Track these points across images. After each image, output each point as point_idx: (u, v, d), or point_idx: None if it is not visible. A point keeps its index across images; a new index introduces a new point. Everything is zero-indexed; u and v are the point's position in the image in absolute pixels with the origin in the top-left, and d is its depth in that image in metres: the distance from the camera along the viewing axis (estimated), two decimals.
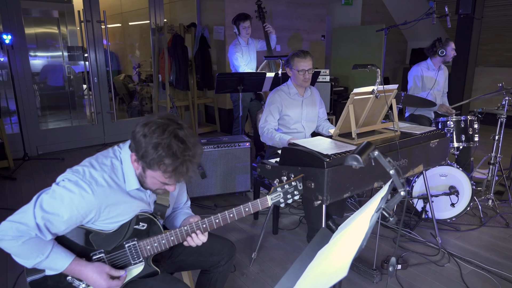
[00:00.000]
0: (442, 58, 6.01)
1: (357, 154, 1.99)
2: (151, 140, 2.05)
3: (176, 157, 2.05)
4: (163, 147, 2.03)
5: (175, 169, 2.08)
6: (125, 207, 2.26)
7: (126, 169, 2.25)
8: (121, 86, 11.86)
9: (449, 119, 5.18)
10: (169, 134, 2.06)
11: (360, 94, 3.51)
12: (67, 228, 2.14)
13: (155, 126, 2.07)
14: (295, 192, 2.59)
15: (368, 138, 3.65)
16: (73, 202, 2.07)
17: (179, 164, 2.07)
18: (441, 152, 4.06)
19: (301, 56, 4.53)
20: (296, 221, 5.05)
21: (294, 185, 2.58)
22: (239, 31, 7.32)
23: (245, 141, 5.41)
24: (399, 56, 13.44)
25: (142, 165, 2.16)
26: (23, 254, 2.07)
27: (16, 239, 2.02)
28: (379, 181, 3.42)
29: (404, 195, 1.78)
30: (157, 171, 2.10)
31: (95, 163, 2.22)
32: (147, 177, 2.20)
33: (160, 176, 2.14)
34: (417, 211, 4.93)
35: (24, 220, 2.03)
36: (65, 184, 2.10)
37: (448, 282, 3.77)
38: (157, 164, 2.06)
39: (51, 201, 2.07)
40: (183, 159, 2.07)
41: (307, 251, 1.99)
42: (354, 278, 3.84)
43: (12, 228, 2.02)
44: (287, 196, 2.57)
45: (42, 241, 2.08)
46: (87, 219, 2.17)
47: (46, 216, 2.04)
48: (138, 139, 2.08)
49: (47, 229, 2.07)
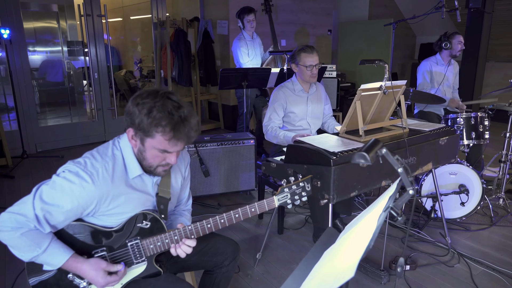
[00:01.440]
0: (449, 52, 6.00)
1: (365, 152, 1.99)
2: (144, 106, 2.09)
3: (172, 115, 2.08)
4: (158, 108, 2.07)
5: (173, 127, 2.09)
6: (127, 198, 2.27)
7: (126, 156, 2.27)
8: (122, 82, 11.87)
9: (459, 116, 5.16)
10: (162, 97, 2.12)
11: (368, 90, 3.51)
12: (66, 219, 2.15)
13: (146, 93, 2.15)
14: (302, 193, 2.57)
15: (375, 136, 3.63)
16: (74, 193, 2.09)
17: (176, 121, 2.09)
18: (451, 149, 4.05)
19: (308, 51, 4.52)
20: (302, 221, 5.06)
21: (302, 186, 2.56)
22: (243, 24, 7.31)
23: (249, 138, 5.40)
24: (408, 51, 13.43)
25: (140, 137, 2.17)
26: (21, 247, 2.08)
27: (15, 231, 2.03)
28: (387, 179, 3.42)
29: (412, 194, 1.78)
30: (156, 135, 2.11)
31: (96, 154, 2.23)
32: (147, 150, 2.20)
33: (160, 142, 2.14)
34: (426, 210, 4.92)
35: (23, 211, 2.05)
36: (66, 175, 2.12)
37: (458, 283, 3.77)
38: (155, 126, 2.08)
39: (51, 192, 2.09)
40: (179, 116, 2.10)
41: (313, 251, 1.99)
42: (361, 279, 3.85)
43: (11, 219, 2.04)
44: (294, 197, 2.55)
45: (41, 234, 2.09)
46: (88, 211, 2.18)
47: (45, 207, 2.06)
48: (132, 110, 2.12)
49: (46, 221, 2.08)
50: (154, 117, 2.06)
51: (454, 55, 6.05)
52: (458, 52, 6.02)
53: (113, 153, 2.26)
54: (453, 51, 5.98)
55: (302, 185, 2.57)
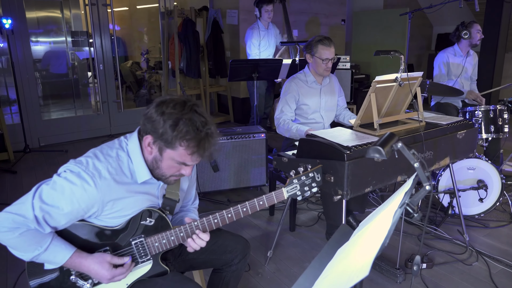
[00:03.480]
0: (468, 41, 5.98)
1: (380, 146, 1.98)
2: (170, 116, 2.06)
3: (199, 131, 2.08)
4: (185, 122, 2.06)
5: (198, 143, 2.09)
6: (130, 201, 2.26)
7: (135, 161, 2.24)
8: (128, 73, 11.87)
9: (477, 109, 5.13)
10: (190, 109, 2.10)
11: (383, 82, 3.50)
12: (67, 222, 2.15)
13: (173, 103, 2.11)
14: (312, 184, 2.56)
15: (391, 129, 3.63)
16: (75, 195, 2.08)
17: (202, 138, 2.09)
18: (469, 143, 4.04)
19: (326, 44, 4.49)
20: (314, 217, 5.06)
21: (311, 176, 2.56)
22: (260, 13, 7.28)
23: (260, 132, 5.39)
24: (424, 41, 13.36)
25: (160, 146, 2.15)
26: (21, 247, 2.07)
27: (12, 231, 2.02)
28: (402, 174, 3.41)
29: (429, 189, 1.78)
30: (179, 148, 2.10)
31: (99, 154, 2.22)
32: (164, 160, 2.20)
33: (181, 155, 2.13)
34: (443, 207, 4.90)
35: (22, 212, 2.03)
36: (67, 175, 2.11)
37: (476, 282, 3.76)
38: (180, 139, 2.07)
39: (51, 193, 2.08)
40: (206, 133, 2.10)
41: (326, 249, 1.99)
42: (376, 278, 3.85)
43: (9, 219, 2.01)
44: (304, 189, 2.54)
45: (41, 233, 2.08)
46: (89, 213, 2.18)
47: (45, 208, 2.05)
48: (155, 118, 2.09)
49: (46, 222, 2.06)
50: (181, 131, 2.05)
51: (474, 45, 6.02)
52: (478, 41, 5.99)
53: (118, 154, 2.24)
54: (473, 40, 5.95)
55: (312, 176, 2.56)
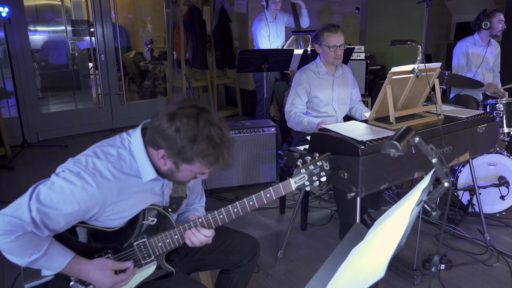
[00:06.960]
0: (489, 31, 5.95)
1: (396, 141, 1.99)
2: (187, 134, 2.02)
3: (218, 146, 2.07)
4: (203, 139, 2.03)
5: (217, 158, 2.10)
6: (133, 201, 2.25)
7: (138, 159, 2.22)
8: (131, 64, 11.90)
9: (499, 102, 5.09)
10: (205, 123, 2.05)
11: (399, 73, 3.50)
12: (66, 224, 2.12)
13: (186, 117, 2.05)
14: (321, 173, 2.55)
15: (407, 123, 3.64)
16: (74, 196, 2.06)
17: (221, 152, 2.09)
18: (490, 138, 4.04)
19: (332, 30, 4.50)
20: (327, 216, 5.06)
21: (319, 165, 2.54)
22: (267, 4, 7.29)
23: (270, 125, 5.39)
24: (443, 31, 13.29)
25: (176, 161, 2.13)
26: (16, 251, 2.02)
27: (8, 234, 1.97)
28: (420, 171, 3.41)
29: (448, 186, 1.78)
30: (197, 163, 2.11)
31: (99, 152, 2.20)
32: (181, 172, 2.19)
33: (200, 168, 2.14)
34: (462, 205, 4.90)
35: (18, 214, 1.99)
36: (66, 175, 2.09)
37: (498, 284, 3.76)
38: (199, 157, 2.06)
39: (50, 194, 2.05)
40: (224, 146, 2.10)
41: (339, 249, 2.00)
42: (392, 279, 3.85)
43: (4, 222, 1.97)
44: (312, 178, 2.53)
45: (38, 237, 2.04)
46: (89, 215, 2.16)
47: (43, 209, 2.01)
48: (170, 135, 2.04)
49: (44, 225, 2.03)
50: (201, 149, 2.04)
51: (494, 35, 6.00)
52: (499, 31, 5.95)
53: (119, 152, 2.22)
54: (494, 30, 5.92)
55: (320, 164, 2.55)
